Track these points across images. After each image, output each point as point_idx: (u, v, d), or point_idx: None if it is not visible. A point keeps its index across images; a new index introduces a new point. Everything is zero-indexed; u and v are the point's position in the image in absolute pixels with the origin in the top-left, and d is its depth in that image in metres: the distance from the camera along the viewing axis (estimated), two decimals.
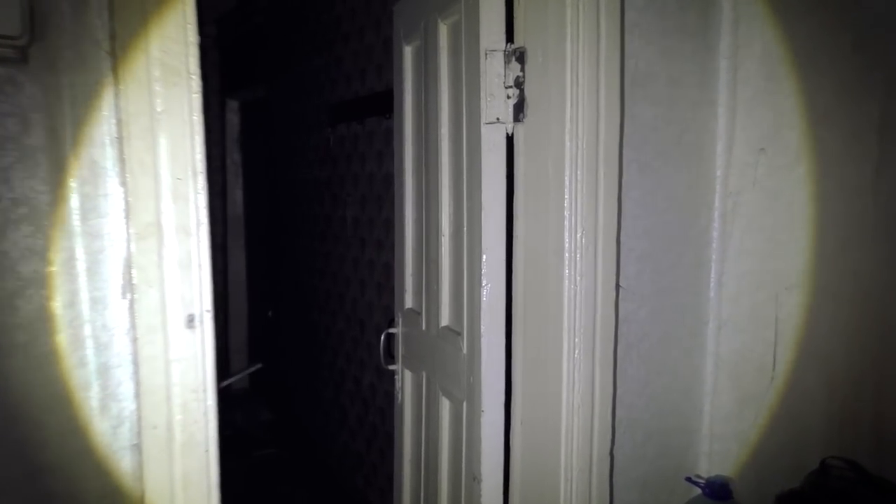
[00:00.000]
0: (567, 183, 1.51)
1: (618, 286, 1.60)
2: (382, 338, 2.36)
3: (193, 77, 1.10)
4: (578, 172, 1.51)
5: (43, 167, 1.03)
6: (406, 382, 2.31)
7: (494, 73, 1.67)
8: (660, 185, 1.69)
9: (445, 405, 1.99)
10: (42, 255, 1.04)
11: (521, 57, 1.65)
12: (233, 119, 5.48)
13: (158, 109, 1.08)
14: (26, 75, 1.01)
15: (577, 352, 1.54)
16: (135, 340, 1.09)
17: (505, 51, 1.67)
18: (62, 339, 1.06)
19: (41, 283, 1.04)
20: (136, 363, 1.09)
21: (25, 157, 1.02)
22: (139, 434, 1.11)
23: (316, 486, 3.96)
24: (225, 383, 5.28)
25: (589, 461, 1.59)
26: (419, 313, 2.17)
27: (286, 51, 4.38)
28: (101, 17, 1.04)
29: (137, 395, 1.10)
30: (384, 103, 2.95)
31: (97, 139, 1.06)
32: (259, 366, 5.33)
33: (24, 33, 0.97)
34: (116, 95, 1.06)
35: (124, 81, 1.06)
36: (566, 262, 1.53)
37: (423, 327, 2.12)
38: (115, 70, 1.05)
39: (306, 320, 4.23)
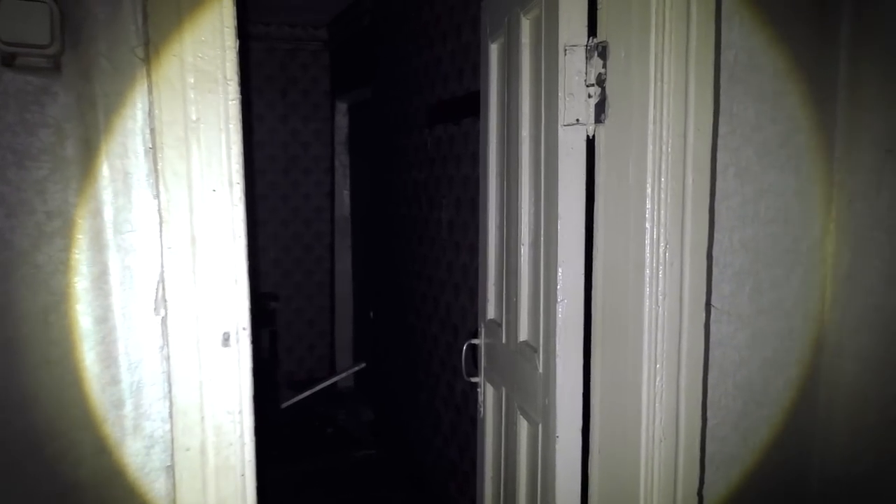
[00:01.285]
0: (649, 191, 1.36)
1: (709, 306, 1.42)
2: (465, 348, 2.27)
3: (230, 83, 1.05)
4: (662, 179, 1.35)
5: (76, 179, 1.01)
6: (488, 396, 2.21)
7: (574, 70, 1.53)
8: (762, 192, 1.49)
9: (523, 425, 1.87)
10: (75, 269, 1.02)
11: (603, 52, 1.50)
12: (341, 121, 5.56)
13: (193, 118, 1.03)
14: (60, 85, 0.99)
15: (658, 379, 1.38)
16: (167, 358, 1.05)
17: (587, 46, 1.53)
18: (95, 355, 1.03)
19: (74, 298, 1.02)
20: (169, 382, 1.05)
21: (59, 169, 1.00)
22: (172, 456, 1.07)
23: (412, 492, 3.93)
24: (329, 381, 5.38)
25: (672, 500, 1.42)
26: (500, 325, 2.05)
27: (389, 51, 4.38)
28: (134, 23, 1.01)
29: (171, 416, 1.06)
30: (479, 104, 2.85)
31: (130, 149, 1.02)
32: (363, 365, 5.39)
33: (54, 42, 0.95)
34: (150, 104, 1.02)
35: (158, 89, 1.02)
36: (647, 279, 1.37)
37: (503, 340, 2.01)
38: (148, 77, 1.02)
39: (404, 323, 4.21)
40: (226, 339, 1.07)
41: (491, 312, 2.17)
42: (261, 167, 5.50)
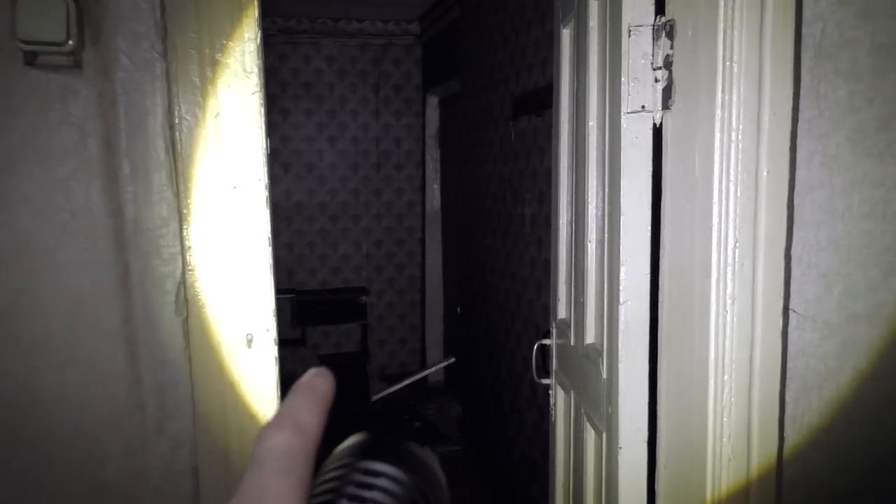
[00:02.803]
0: (716, 183, 1.22)
1: (787, 311, 1.27)
2: (535, 348, 2.17)
3: (251, 76, 1.01)
4: (731, 171, 1.21)
5: (98, 177, 1.00)
6: (559, 400, 2.11)
7: (640, 52, 1.41)
8: (855, 183, 1.31)
9: (590, 433, 1.76)
10: (98, 268, 1.01)
11: (671, 32, 1.37)
12: (432, 115, 5.55)
13: (212, 113, 1.00)
14: (82, 82, 0.99)
15: (726, 391, 1.25)
16: (190, 360, 1.03)
17: (654, 25, 1.41)
18: (119, 355, 1.02)
19: (98, 297, 1.01)
20: (191, 383, 1.03)
21: (82, 167, 1.00)
22: (196, 458, 1.05)
23: (495, 491, 3.87)
24: (418, 376, 5.39)
25: None
26: (569, 326, 1.95)
27: (477, 42, 4.31)
28: (153, 17, 0.99)
29: (194, 417, 1.04)
30: None
31: (150, 147, 1.01)
32: (452, 360, 5.37)
33: (71, 38, 0.94)
34: (169, 100, 1.00)
35: (176, 84, 0.99)
36: (713, 281, 1.24)
37: (572, 342, 1.90)
38: (167, 72, 1.00)
39: (488, 319, 4.14)
40: (249, 341, 1.04)
41: (562, 312, 2.06)
42: (354, 162, 5.57)
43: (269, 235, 1.04)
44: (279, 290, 4.70)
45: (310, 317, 5.22)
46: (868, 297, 1.35)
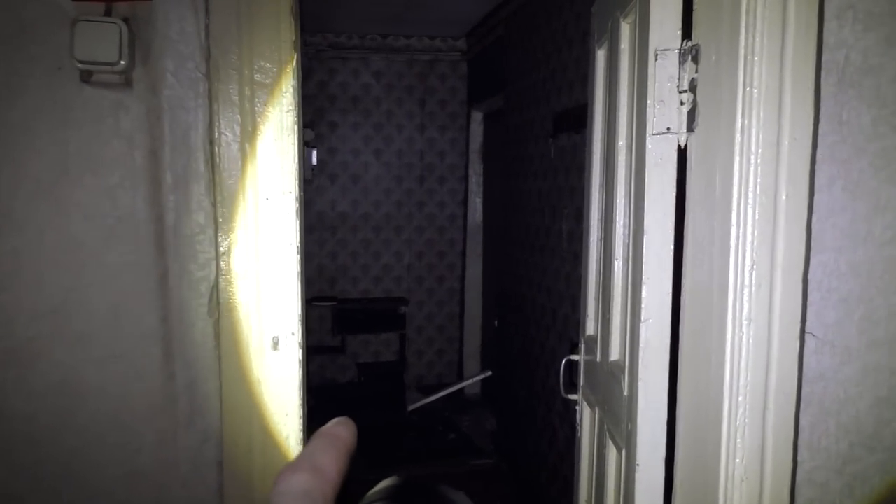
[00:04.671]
0: (735, 206, 1.24)
1: (804, 334, 1.28)
2: (563, 364, 2.20)
3: (286, 95, 1.08)
4: (750, 194, 1.23)
5: (143, 186, 1.08)
6: (584, 416, 2.13)
7: (666, 75, 1.44)
8: (878, 209, 1.32)
9: (612, 450, 1.78)
10: (140, 270, 1.09)
11: (696, 56, 1.40)
12: (476, 130, 5.61)
13: (248, 128, 1.07)
14: (132, 98, 1.07)
15: (740, 412, 1.26)
16: (219, 359, 1.10)
17: (680, 49, 1.44)
18: (156, 352, 1.10)
19: (139, 297, 1.09)
20: (220, 381, 1.10)
21: (129, 177, 1.08)
22: (222, 452, 1.11)
23: None
24: (455, 388, 5.43)
25: None
26: (596, 342, 1.97)
27: (520, 59, 4.36)
28: (198, 39, 1.07)
29: (221, 413, 1.11)
30: None
31: (192, 159, 1.08)
32: (488, 373, 5.39)
33: (122, 59, 1.02)
34: (210, 116, 1.07)
35: (217, 102, 1.07)
36: (730, 302, 1.26)
37: (598, 358, 1.93)
38: (209, 90, 1.07)
39: (524, 333, 4.16)
40: (275, 343, 1.11)
41: (590, 328, 2.09)
42: (398, 174, 5.67)
43: (298, 244, 1.11)
44: (321, 298, 4.80)
45: (350, 325, 5.32)
46: (890, 323, 1.35)
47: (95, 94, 1.06)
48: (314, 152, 5.18)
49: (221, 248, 1.09)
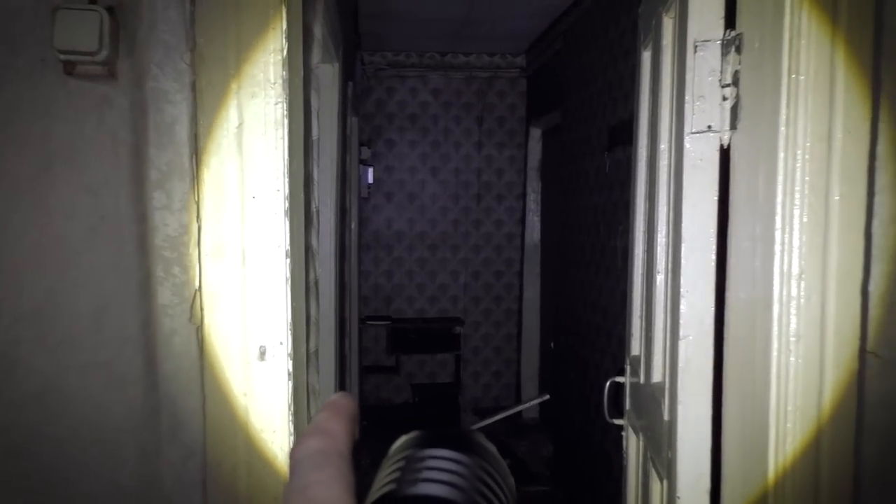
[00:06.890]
0: (779, 209, 1.10)
1: (863, 353, 1.12)
2: (607, 386, 2.05)
3: (275, 87, 1.02)
4: (797, 195, 1.09)
5: (127, 184, 1.03)
6: (630, 443, 1.97)
7: (706, 68, 1.32)
8: None
9: (655, 481, 1.63)
10: (123, 272, 1.04)
11: (740, 46, 1.27)
12: (535, 147, 5.50)
13: (235, 123, 1.01)
14: (116, 92, 1.02)
15: (789, 440, 1.11)
16: (202, 369, 1.03)
17: (723, 40, 1.31)
18: (138, 360, 1.04)
19: (121, 301, 1.04)
20: (203, 393, 1.03)
21: (112, 175, 1.03)
22: (205, 470, 1.04)
23: None
24: (510, 411, 5.27)
25: None
26: (640, 362, 1.83)
27: (577, 73, 4.24)
28: (183, 28, 1.01)
29: (204, 428, 1.03)
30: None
31: (175, 155, 1.03)
32: (546, 397, 5.20)
33: (103, 48, 0.98)
34: (194, 109, 1.02)
35: (202, 94, 1.01)
36: (775, 316, 1.11)
37: (642, 380, 1.78)
38: (194, 83, 1.02)
39: (579, 355, 4.00)
40: (262, 353, 1.03)
41: (635, 348, 1.94)
42: (455, 193, 5.60)
43: (288, 247, 1.03)
44: (375, 317, 4.74)
45: (404, 345, 5.25)
46: None
47: (80, 88, 1.02)
48: (370, 170, 5.17)
49: (205, 250, 1.03)
